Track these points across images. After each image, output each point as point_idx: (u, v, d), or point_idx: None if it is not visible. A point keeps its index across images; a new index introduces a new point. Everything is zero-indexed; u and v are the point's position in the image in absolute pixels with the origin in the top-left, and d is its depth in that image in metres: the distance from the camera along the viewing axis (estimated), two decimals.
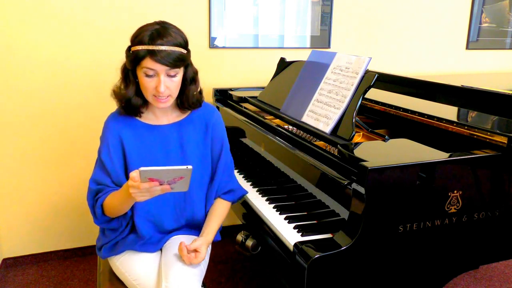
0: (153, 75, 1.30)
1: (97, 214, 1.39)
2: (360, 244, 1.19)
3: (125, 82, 1.38)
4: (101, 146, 1.42)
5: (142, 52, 1.28)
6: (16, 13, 2.13)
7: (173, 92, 1.36)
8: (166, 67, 1.29)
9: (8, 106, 2.22)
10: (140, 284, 1.40)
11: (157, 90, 1.31)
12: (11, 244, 2.41)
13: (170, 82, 1.32)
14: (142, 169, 1.11)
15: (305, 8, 2.64)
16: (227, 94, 2.46)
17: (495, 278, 2.37)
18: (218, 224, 1.50)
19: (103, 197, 1.37)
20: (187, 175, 1.16)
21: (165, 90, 1.31)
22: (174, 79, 1.33)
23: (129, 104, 1.38)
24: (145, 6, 2.31)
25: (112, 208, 1.35)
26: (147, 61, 1.28)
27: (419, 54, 3.04)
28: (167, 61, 1.28)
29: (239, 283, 2.29)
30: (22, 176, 2.33)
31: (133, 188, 1.18)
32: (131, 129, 1.42)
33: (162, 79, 1.30)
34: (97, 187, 1.40)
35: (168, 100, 1.36)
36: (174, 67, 1.31)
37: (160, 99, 1.34)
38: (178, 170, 1.13)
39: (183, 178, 1.17)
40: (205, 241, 1.40)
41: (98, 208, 1.38)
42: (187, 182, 1.20)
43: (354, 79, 1.54)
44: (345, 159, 1.34)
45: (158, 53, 1.27)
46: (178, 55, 1.30)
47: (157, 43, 1.27)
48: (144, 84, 1.32)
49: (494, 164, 1.33)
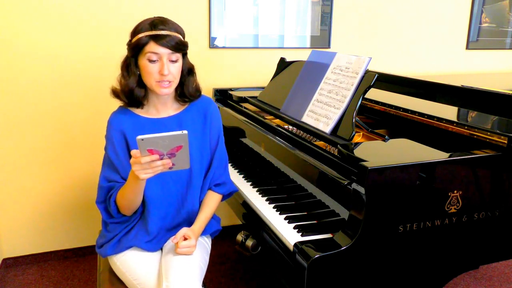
0: (157, 60, 1.35)
1: (112, 211, 1.43)
2: (360, 244, 1.20)
3: (127, 74, 1.43)
4: (106, 144, 1.47)
5: (145, 38, 1.34)
6: (15, 10, 2.13)
7: (175, 77, 1.41)
8: (169, 50, 1.35)
9: (7, 106, 2.22)
10: (140, 284, 1.40)
11: (161, 74, 1.36)
12: (11, 244, 2.41)
13: (172, 67, 1.38)
14: (138, 137, 1.14)
15: (305, 8, 2.64)
16: (227, 94, 2.46)
17: (495, 278, 2.37)
18: (207, 216, 1.53)
19: (114, 193, 1.42)
20: (184, 143, 1.18)
21: (168, 74, 1.36)
22: (176, 64, 1.39)
23: (132, 95, 1.42)
24: (145, 6, 2.32)
25: (124, 199, 1.39)
26: (150, 46, 1.34)
27: (419, 54, 3.04)
28: (170, 44, 1.35)
29: (239, 283, 2.29)
30: (22, 176, 2.33)
31: (135, 164, 1.22)
32: (133, 124, 1.46)
33: (165, 62, 1.35)
34: (108, 184, 1.44)
35: (170, 86, 1.40)
36: (176, 51, 1.37)
37: (163, 85, 1.38)
38: (174, 136, 1.16)
39: (181, 147, 1.19)
40: (191, 230, 1.43)
41: (113, 205, 1.42)
42: (187, 156, 1.22)
43: (354, 79, 1.54)
44: (345, 159, 1.34)
45: (161, 37, 1.34)
46: (180, 40, 1.37)
47: (159, 28, 1.35)
48: (147, 70, 1.37)
49: (494, 164, 1.33)
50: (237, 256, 2.53)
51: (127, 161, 1.43)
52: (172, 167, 1.24)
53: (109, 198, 1.43)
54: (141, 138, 1.14)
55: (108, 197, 1.43)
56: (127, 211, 1.43)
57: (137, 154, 1.20)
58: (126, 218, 1.49)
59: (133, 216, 1.48)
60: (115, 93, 1.45)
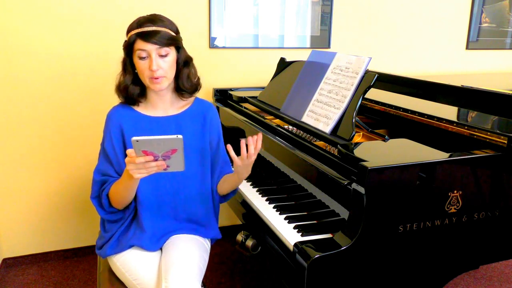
0: (146, 56, 1.37)
1: (104, 205, 1.45)
2: (360, 244, 1.20)
3: (124, 72, 1.46)
4: (103, 137, 1.48)
5: (133, 37, 1.38)
6: (14, 10, 2.13)
7: (167, 73, 1.41)
8: (155, 45, 1.36)
9: (7, 106, 2.22)
10: (140, 284, 1.40)
11: (150, 69, 1.37)
12: (11, 244, 2.41)
13: (162, 62, 1.39)
14: (133, 139, 1.15)
15: (305, 8, 2.64)
16: (227, 94, 2.46)
17: (495, 278, 2.37)
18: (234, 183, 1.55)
19: (108, 187, 1.43)
20: (179, 147, 1.19)
21: (158, 69, 1.37)
22: (166, 59, 1.39)
23: (127, 92, 1.45)
24: (145, 5, 2.31)
25: (117, 194, 1.40)
26: (138, 43, 1.37)
27: (419, 54, 3.04)
28: (156, 39, 1.36)
29: (239, 283, 2.29)
30: (22, 176, 2.33)
31: (130, 164, 1.22)
32: (131, 120, 1.47)
33: (154, 58, 1.36)
34: (101, 178, 1.46)
35: (163, 81, 1.41)
36: (163, 45, 1.37)
37: (155, 81, 1.39)
38: (169, 140, 1.17)
39: (176, 151, 1.20)
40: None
41: (105, 199, 1.44)
42: (182, 159, 1.22)
43: (354, 79, 1.54)
44: (345, 159, 1.34)
45: (147, 34, 1.36)
46: (166, 34, 1.38)
47: (145, 25, 1.37)
48: (139, 67, 1.39)
49: (494, 164, 1.33)
50: (237, 256, 2.53)
51: (122, 156, 1.45)
52: (166, 168, 1.25)
53: (102, 192, 1.45)
54: (136, 139, 1.15)
55: (101, 191, 1.45)
56: (118, 205, 1.45)
57: (132, 153, 1.21)
58: (121, 216, 1.50)
59: (127, 213, 1.49)
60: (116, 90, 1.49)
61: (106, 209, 1.46)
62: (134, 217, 1.50)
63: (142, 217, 1.46)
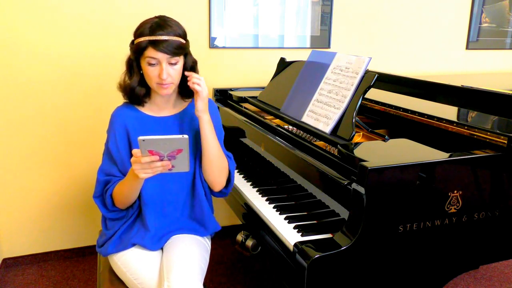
0: (156, 63, 1.37)
1: (107, 204, 1.45)
2: (360, 244, 1.20)
3: (129, 73, 1.46)
4: (108, 137, 1.49)
5: (144, 43, 1.36)
6: (14, 10, 2.13)
7: (175, 79, 1.42)
8: (167, 55, 1.36)
9: (7, 106, 2.22)
10: (141, 283, 1.40)
11: (160, 78, 1.38)
12: (11, 244, 2.41)
13: (171, 70, 1.39)
14: (140, 138, 1.16)
15: (305, 8, 2.64)
16: (227, 94, 2.46)
17: (495, 278, 2.37)
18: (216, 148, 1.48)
19: (112, 187, 1.43)
20: (184, 147, 1.20)
21: (167, 77, 1.38)
22: (175, 67, 1.40)
23: (133, 93, 1.46)
24: (145, 5, 2.31)
25: (121, 195, 1.41)
26: (149, 51, 1.36)
27: (419, 54, 3.04)
28: (168, 49, 1.35)
29: (239, 283, 2.29)
30: (22, 176, 2.33)
31: (136, 163, 1.24)
32: (136, 121, 1.48)
33: (164, 67, 1.37)
34: (105, 178, 1.47)
35: (171, 87, 1.42)
36: (174, 55, 1.38)
37: (163, 86, 1.40)
38: (174, 139, 1.18)
39: (181, 151, 1.21)
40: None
41: (108, 199, 1.44)
42: (187, 160, 1.24)
43: (354, 79, 1.54)
44: (345, 159, 1.34)
45: (159, 43, 1.35)
46: (178, 44, 1.38)
47: (158, 33, 1.36)
48: (147, 73, 1.39)
49: (494, 164, 1.33)
50: (237, 256, 2.53)
51: (126, 156, 1.45)
52: (171, 169, 1.26)
53: (105, 192, 1.45)
54: (142, 138, 1.16)
55: (105, 191, 1.45)
56: (122, 205, 1.46)
57: (138, 153, 1.22)
58: (124, 214, 1.50)
59: (131, 212, 1.50)
60: (120, 88, 1.49)
61: (110, 208, 1.47)
62: (138, 215, 1.51)
63: (147, 217, 1.47)
